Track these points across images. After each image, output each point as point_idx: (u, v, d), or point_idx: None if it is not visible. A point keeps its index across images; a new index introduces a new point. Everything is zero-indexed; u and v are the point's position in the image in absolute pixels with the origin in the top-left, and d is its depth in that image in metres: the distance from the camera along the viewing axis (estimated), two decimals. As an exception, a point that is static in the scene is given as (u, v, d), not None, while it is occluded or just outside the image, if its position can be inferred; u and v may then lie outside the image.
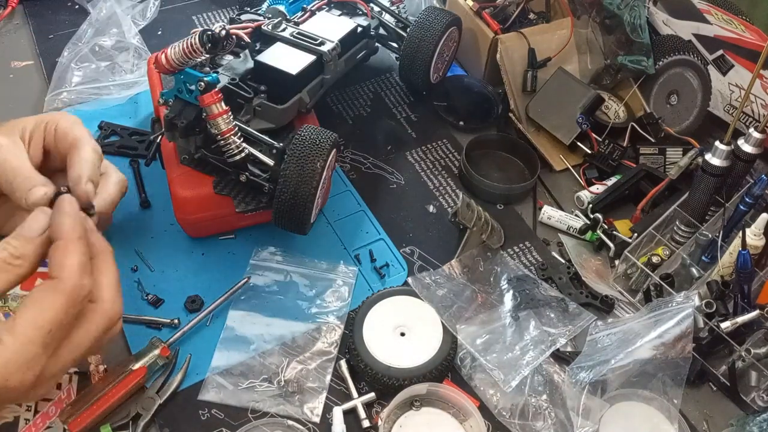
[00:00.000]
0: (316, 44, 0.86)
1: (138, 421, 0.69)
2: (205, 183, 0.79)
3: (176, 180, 0.79)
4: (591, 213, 0.91)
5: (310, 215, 0.75)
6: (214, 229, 0.85)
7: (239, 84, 0.79)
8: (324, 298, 0.80)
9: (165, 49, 0.73)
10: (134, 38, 1.09)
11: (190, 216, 0.81)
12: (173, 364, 0.73)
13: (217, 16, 1.19)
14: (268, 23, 0.87)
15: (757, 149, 0.81)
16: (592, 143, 0.98)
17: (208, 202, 0.79)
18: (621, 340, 0.76)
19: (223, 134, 0.73)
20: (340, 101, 1.06)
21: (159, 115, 0.85)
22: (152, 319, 0.77)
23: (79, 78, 1.02)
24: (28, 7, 1.17)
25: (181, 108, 0.74)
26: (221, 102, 0.72)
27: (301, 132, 0.75)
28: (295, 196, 0.73)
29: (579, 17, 1.06)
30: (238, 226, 0.85)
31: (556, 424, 0.72)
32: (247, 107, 0.79)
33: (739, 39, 0.99)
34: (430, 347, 0.75)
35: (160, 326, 0.76)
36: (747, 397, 0.75)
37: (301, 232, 0.78)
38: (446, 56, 1.04)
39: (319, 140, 0.74)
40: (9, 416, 0.68)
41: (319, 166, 0.73)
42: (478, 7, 1.05)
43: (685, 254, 0.84)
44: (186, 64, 0.73)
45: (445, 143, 1.02)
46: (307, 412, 0.71)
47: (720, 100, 1.03)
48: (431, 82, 1.03)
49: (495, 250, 0.87)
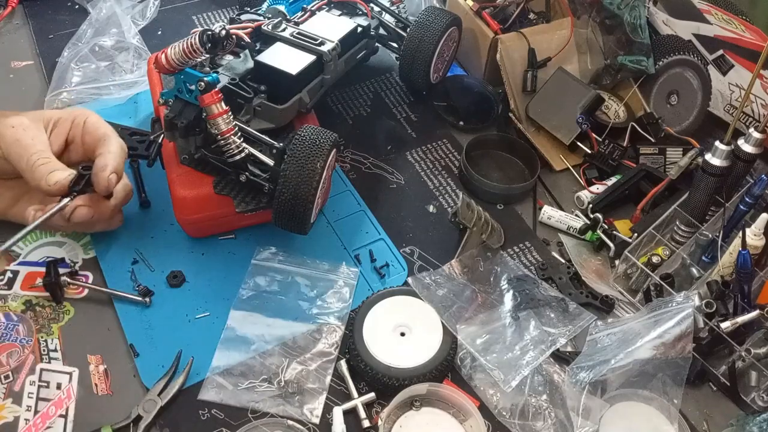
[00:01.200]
0: (316, 44, 0.86)
1: (139, 423, 0.68)
2: (205, 183, 0.79)
3: (176, 180, 0.79)
4: (591, 213, 0.91)
5: (310, 215, 0.75)
6: (214, 229, 0.85)
7: (239, 84, 0.79)
8: (325, 299, 0.80)
9: (165, 49, 0.73)
10: (134, 38, 1.09)
11: (190, 216, 0.81)
12: (176, 366, 0.73)
13: (217, 16, 1.19)
14: (268, 23, 0.87)
15: (757, 149, 0.81)
16: (592, 143, 0.98)
17: (208, 202, 0.79)
18: (621, 340, 0.76)
19: (223, 134, 0.73)
20: (340, 101, 1.06)
21: (159, 115, 0.85)
22: (124, 294, 0.78)
23: (79, 78, 1.02)
24: (28, 7, 1.16)
25: (181, 108, 0.74)
26: (221, 102, 0.72)
27: (301, 132, 0.75)
28: (295, 197, 0.73)
29: (579, 17, 1.06)
30: (238, 226, 0.85)
31: (556, 424, 0.72)
32: (247, 107, 0.79)
33: (739, 39, 0.99)
34: (430, 347, 0.75)
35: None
36: (747, 397, 0.75)
37: (301, 232, 0.78)
38: (446, 56, 1.04)
39: (319, 140, 0.74)
40: (9, 416, 0.68)
41: (319, 166, 0.73)
42: (478, 7, 1.05)
43: (685, 254, 0.84)
44: (186, 64, 0.73)
45: (445, 143, 1.02)
46: (306, 413, 0.71)
47: (720, 100, 1.03)
48: (431, 82, 1.03)
49: (495, 250, 0.87)
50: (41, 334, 0.75)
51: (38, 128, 0.75)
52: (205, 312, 0.78)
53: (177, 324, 0.77)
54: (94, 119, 0.77)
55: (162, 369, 0.73)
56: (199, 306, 0.79)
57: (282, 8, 0.91)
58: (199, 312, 0.78)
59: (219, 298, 0.80)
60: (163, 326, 0.77)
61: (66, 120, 0.77)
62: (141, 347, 0.74)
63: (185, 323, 0.77)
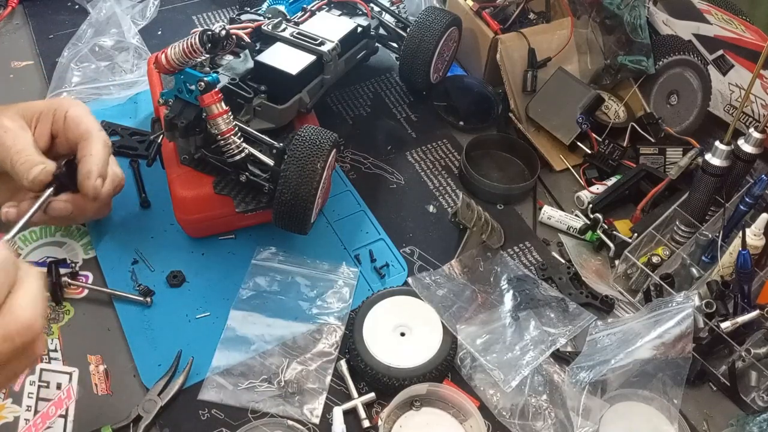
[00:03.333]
0: (316, 44, 0.86)
1: (139, 423, 0.68)
2: (205, 183, 0.79)
3: (176, 180, 0.79)
4: (591, 213, 0.91)
5: (310, 215, 0.75)
6: (214, 229, 0.85)
7: (239, 84, 0.79)
8: (325, 299, 0.80)
9: (165, 50, 0.73)
10: (134, 38, 1.09)
11: (190, 216, 0.81)
12: (176, 366, 0.73)
13: (217, 16, 1.19)
14: (268, 23, 0.87)
15: (757, 149, 0.81)
16: (592, 143, 0.98)
17: (208, 202, 0.79)
18: (621, 340, 0.76)
19: (223, 134, 0.73)
20: (340, 101, 1.06)
21: (159, 115, 0.85)
22: (124, 294, 0.78)
23: (78, 78, 1.02)
24: (28, 7, 1.16)
25: (181, 108, 0.74)
26: (221, 102, 0.72)
27: (301, 132, 0.75)
28: (296, 197, 0.73)
29: (579, 17, 1.06)
30: (239, 226, 0.85)
31: (556, 424, 0.72)
32: (247, 107, 0.79)
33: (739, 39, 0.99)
34: (430, 347, 0.75)
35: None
36: (747, 397, 0.75)
37: (301, 232, 0.78)
38: (446, 56, 1.04)
39: (319, 140, 0.74)
40: (9, 416, 0.68)
41: (319, 167, 0.73)
42: (478, 7, 1.05)
43: (685, 254, 0.84)
44: (186, 64, 0.73)
45: (445, 143, 1.02)
46: (306, 413, 0.71)
47: (720, 100, 1.03)
48: (431, 82, 1.03)
49: (495, 250, 0.87)
50: (41, 334, 0.75)
51: (20, 126, 0.73)
52: (205, 312, 0.78)
53: (177, 324, 0.77)
54: (73, 113, 0.75)
55: (162, 369, 0.73)
56: (200, 306, 0.79)
57: (282, 8, 0.91)
58: (199, 312, 0.78)
59: (219, 298, 0.80)
60: (163, 326, 0.77)
61: (47, 114, 0.75)
62: (141, 347, 0.74)
63: (185, 323, 0.77)
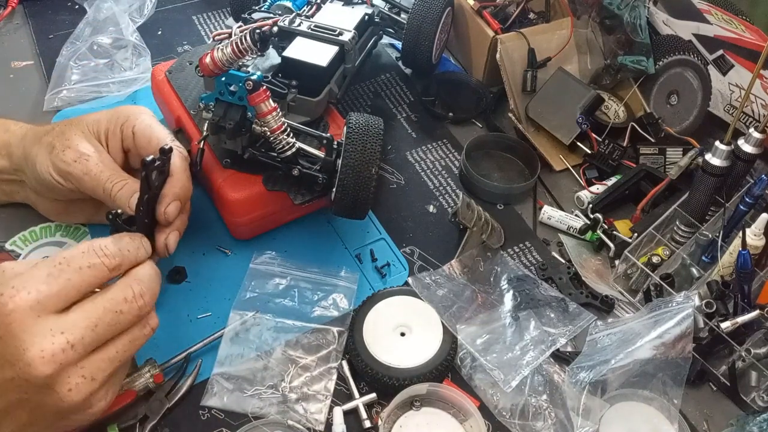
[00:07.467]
0: (336, 35, 0.86)
1: (145, 423, 0.69)
2: (254, 182, 0.79)
3: (224, 184, 0.79)
4: (591, 213, 0.91)
5: (371, 199, 0.76)
6: (264, 227, 0.85)
7: (272, 81, 0.79)
8: (326, 303, 0.80)
9: (210, 52, 0.72)
10: (132, 35, 1.08)
11: (244, 217, 0.81)
12: (184, 369, 0.73)
13: (217, 15, 1.19)
14: (284, 18, 0.87)
15: (757, 149, 0.81)
16: (592, 143, 0.98)
17: (262, 200, 0.79)
18: (621, 340, 0.76)
19: (274, 131, 0.73)
20: (341, 101, 1.06)
21: (181, 126, 0.84)
22: None
23: (78, 76, 1.02)
24: (28, 7, 1.16)
25: (225, 110, 0.73)
26: (269, 99, 0.72)
27: (353, 119, 0.76)
28: (357, 182, 0.74)
29: (579, 17, 1.06)
30: (287, 220, 0.86)
31: (556, 424, 0.72)
32: (282, 103, 0.79)
33: (739, 39, 0.99)
34: (430, 347, 0.75)
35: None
36: (747, 397, 0.75)
37: (361, 217, 0.79)
38: (443, 38, 1.05)
39: (372, 125, 0.76)
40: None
41: (377, 150, 0.74)
42: (478, 6, 1.06)
43: (685, 254, 0.84)
44: (233, 64, 0.73)
45: (445, 143, 1.02)
46: (310, 419, 0.71)
47: (720, 100, 1.03)
48: (433, 63, 1.03)
49: (495, 250, 0.87)
50: (41, 334, 0.74)
51: (97, 149, 0.72)
52: (206, 312, 0.78)
53: (178, 324, 0.77)
54: (140, 127, 0.73)
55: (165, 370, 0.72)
56: (201, 306, 0.79)
57: (288, 4, 0.91)
58: (200, 312, 0.78)
59: (220, 298, 0.79)
60: (164, 326, 0.75)
61: (114, 130, 0.74)
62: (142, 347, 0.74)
63: (186, 323, 0.77)
